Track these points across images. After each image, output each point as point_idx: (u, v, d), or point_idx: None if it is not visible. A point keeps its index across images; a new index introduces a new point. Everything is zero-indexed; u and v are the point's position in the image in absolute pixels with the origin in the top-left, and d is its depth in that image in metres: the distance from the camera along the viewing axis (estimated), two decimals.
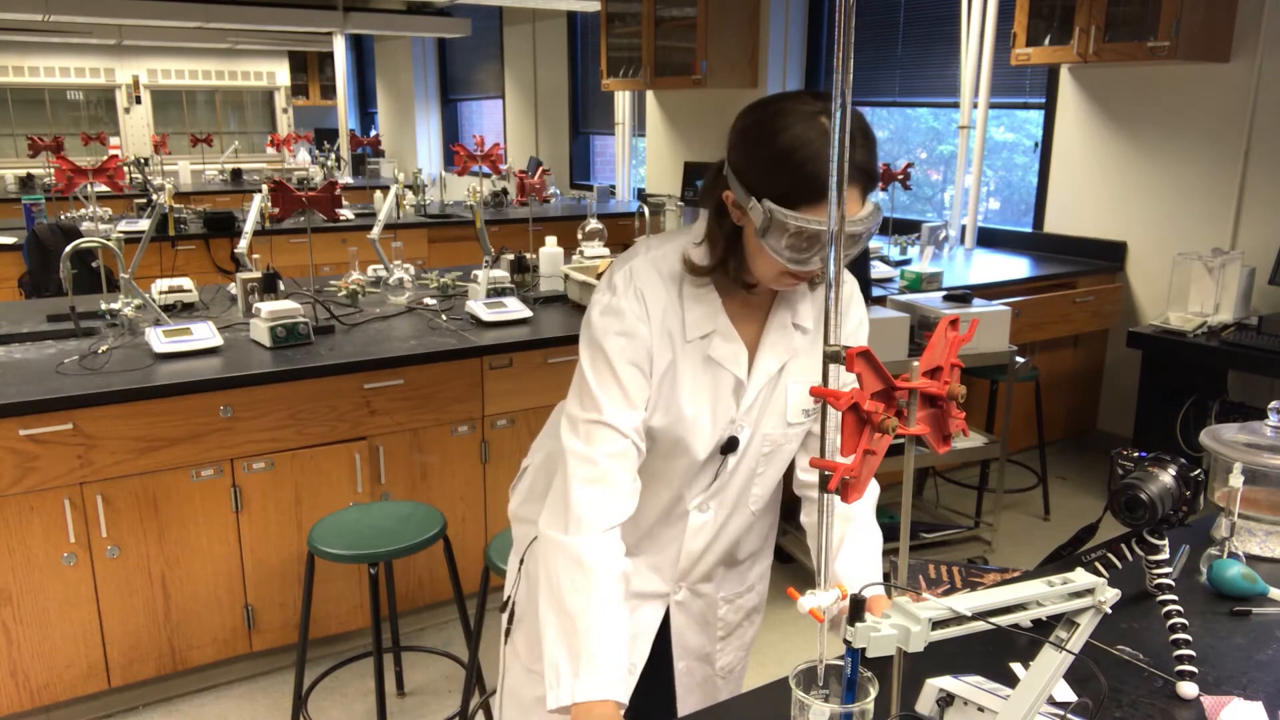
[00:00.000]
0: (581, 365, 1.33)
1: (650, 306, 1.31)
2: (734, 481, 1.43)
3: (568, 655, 1.20)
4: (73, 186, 3.76)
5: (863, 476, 0.91)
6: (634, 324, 1.30)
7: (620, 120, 7.53)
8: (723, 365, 1.34)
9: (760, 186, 1.18)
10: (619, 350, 1.30)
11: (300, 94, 12.29)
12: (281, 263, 5.36)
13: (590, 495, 1.26)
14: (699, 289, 1.33)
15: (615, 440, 1.28)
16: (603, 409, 1.28)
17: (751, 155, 1.20)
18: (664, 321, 1.31)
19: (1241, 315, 3.83)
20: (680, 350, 1.33)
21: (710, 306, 1.33)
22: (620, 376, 1.29)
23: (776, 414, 1.39)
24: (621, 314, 1.30)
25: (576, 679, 1.18)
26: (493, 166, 4.73)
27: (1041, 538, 3.85)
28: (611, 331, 1.30)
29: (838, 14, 0.91)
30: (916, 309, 3.26)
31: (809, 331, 1.40)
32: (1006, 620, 0.93)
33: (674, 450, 1.37)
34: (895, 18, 5.51)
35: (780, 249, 1.19)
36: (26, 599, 2.46)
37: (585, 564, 1.23)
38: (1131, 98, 4.43)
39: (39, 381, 2.47)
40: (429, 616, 3.17)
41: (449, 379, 2.92)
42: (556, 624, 1.23)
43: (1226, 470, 1.54)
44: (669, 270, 1.33)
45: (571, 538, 1.25)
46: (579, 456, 1.28)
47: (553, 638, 1.23)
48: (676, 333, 1.32)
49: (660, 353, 1.32)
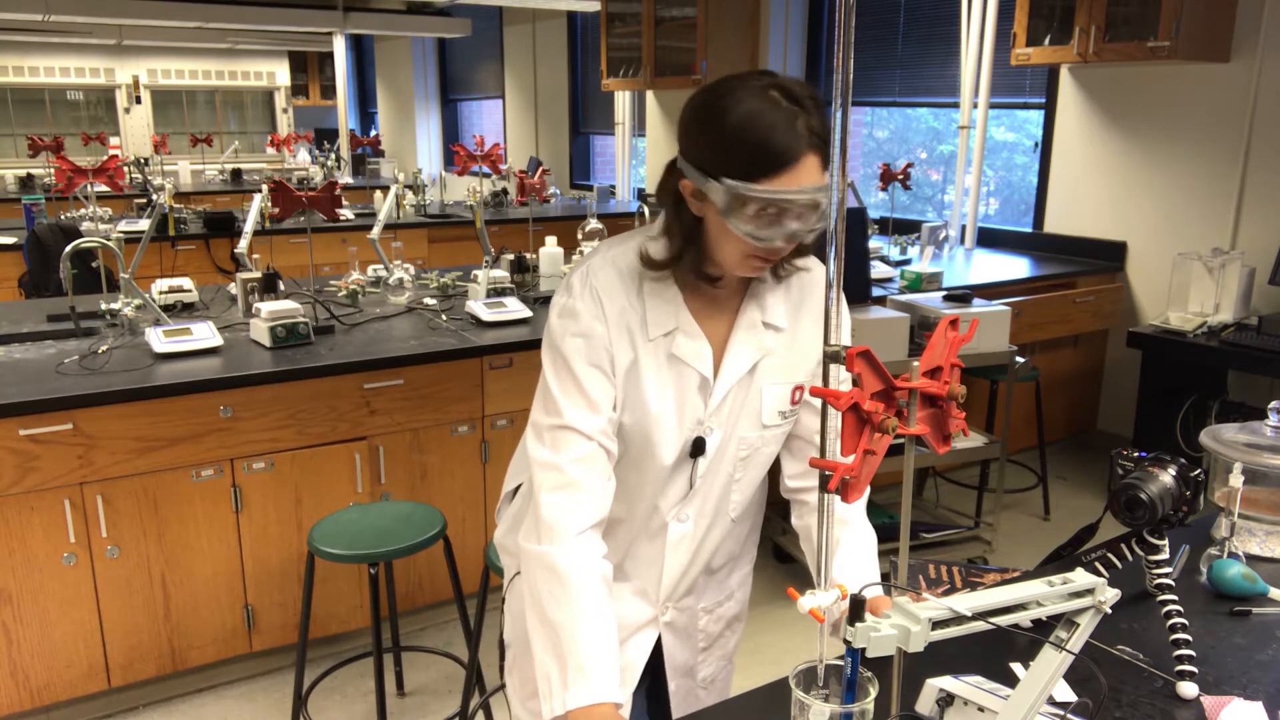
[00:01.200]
0: (544, 371, 1.31)
1: (607, 305, 1.29)
2: (711, 488, 1.40)
3: (556, 666, 1.19)
4: (73, 186, 3.76)
5: (863, 476, 0.91)
6: (590, 324, 1.28)
7: (620, 120, 7.53)
8: (687, 363, 1.31)
9: (719, 167, 1.17)
10: (576, 351, 1.28)
11: (300, 94, 12.29)
12: (281, 263, 5.36)
13: (559, 502, 1.25)
14: (660, 285, 1.31)
15: (580, 444, 1.26)
16: (564, 413, 1.27)
17: (706, 137, 1.19)
18: (623, 320, 1.29)
19: (1241, 315, 3.83)
20: (642, 348, 1.30)
21: (672, 304, 1.31)
22: (580, 379, 1.27)
23: (751, 416, 1.36)
24: (577, 315, 1.28)
25: (567, 690, 1.18)
26: (493, 166, 4.73)
27: (1041, 538, 3.85)
28: (569, 333, 1.28)
29: (838, 14, 0.91)
30: (916, 309, 3.26)
31: (782, 330, 1.37)
32: (1006, 620, 0.93)
33: (643, 453, 1.34)
34: (895, 18, 5.51)
35: (745, 228, 1.17)
36: (26, 599, 2.46)
37: (560, 572, 1.22)
38: (1131, 98, 4.43)
39: (39, 381, 2.47)
40: (429, 616, 3.17)
41: (449, 379, 2.92)
42: (543, 635, 1.23)
43: (1226, 470, 1.54)
44: (627, 267, 1.31)
45: (545, 547, 1.24)
46: (545, 465, 1.27)
47: (540, 650, 1.22)
48: (637, 330, 1.30)
49: (621, 352, 1.29)
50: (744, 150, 1.15)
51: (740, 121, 1.15)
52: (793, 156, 1.15)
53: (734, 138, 1.16)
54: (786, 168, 1.15)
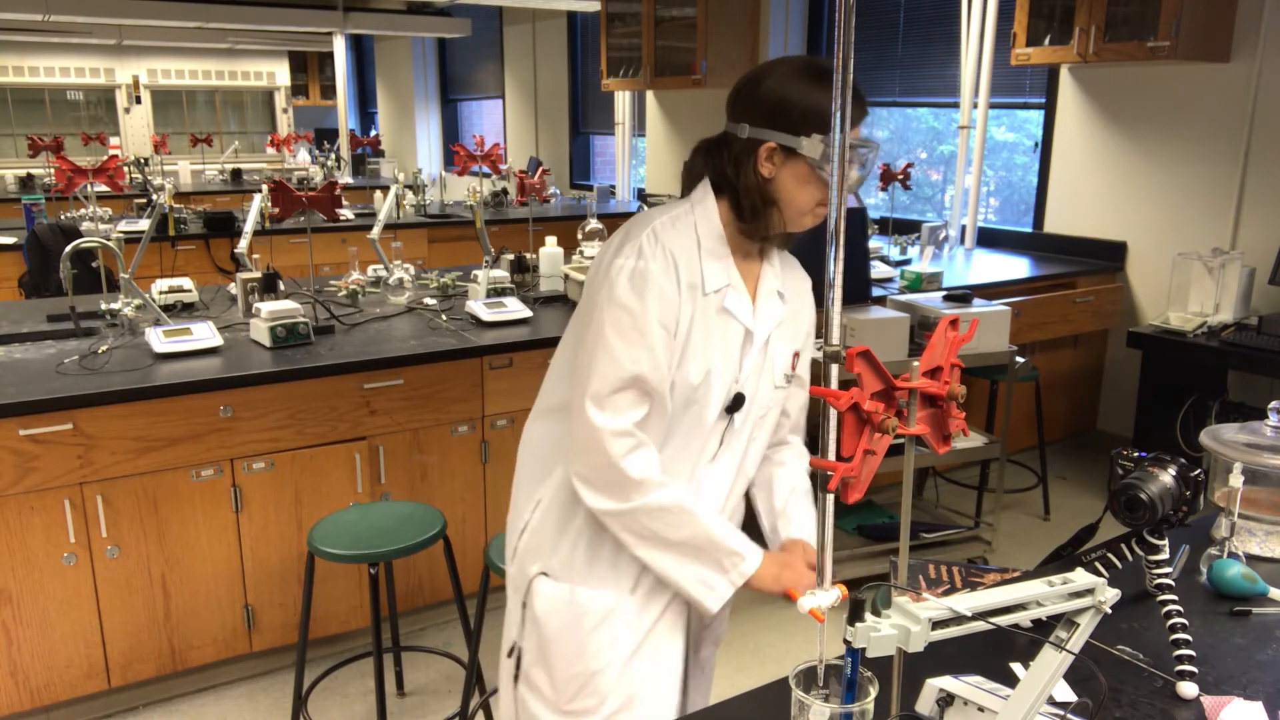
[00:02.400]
0: (600, 334, 1.35)
1: (680, 263, 1.36)
2: (735, 447, 1.47)
3: (705, 565, 1.36)
4: (73, 186, 3.76)
5: (863, 476, 0.91)
6: (662, 284, 1.35)
7: (620, 120, 7.53)
8: (735, 316, 1.41)
9: (813, 124, 1.32)
10: (649, 310, 1.34)
11: (300, 94, 12.28)
12: (281, 263, 5.36)
13: (639, 460, 1.35)
14: (715, 245, 1.41)
15: (643, 402, 1.35)
16: (630, 368, 1.33)
17: (802, 101, 1.33)
18: (688, 277, 1.37)
19: (1241, 315, 3.83)
20: (699, 304, 1.38)
21: (725, 262, 1.41)
22: (650, 337, 1.34)
23: (768, 376, 1.47)
24: (649, 276, 1.34)
25: (728, 573, 1.37)
26: (493, 166, 4.73)
27: (1041, 538, 3.85)
28: (643, 293, 1.34)
29: (838, 14, 0.91)
30: (916, 309, 3.26)
31: (785, 299, 1.50)
32: (1006, 620, 0.93)
33: (688, 410, 1.41)
34: (895, 18, 5.51)
35: None
36: (26, 599, 2.46)
37: (668, 505, 1.35)
38: (1131, 98, 4.43)
39: (39, 381, 2.47)
40: (429, 616, 3.17)
41: (449, 379, 2.92)
42: (675, 557, 1.37)
43: (1226, 470, 1.54)
44: (686, 229, 1.40)
45: (642, 498, 1.35)
46: (616, 433, 1.34)
47: (678, 564, 1.37)
48: (698, 286, 1.38)
49: (684, 308, 1.37)
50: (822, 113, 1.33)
51: (820, 81, 1.34)
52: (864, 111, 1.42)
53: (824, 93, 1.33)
54: (860, 120, 1.37)
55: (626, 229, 1.42)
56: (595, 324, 1.36)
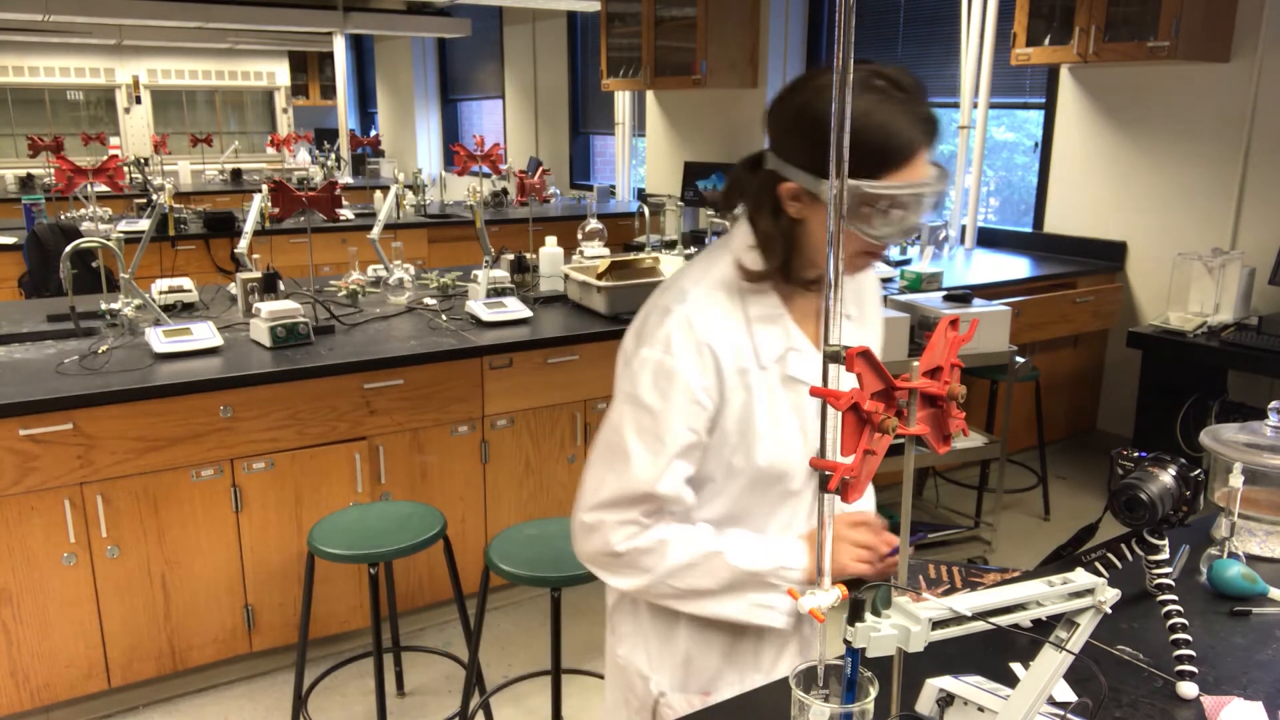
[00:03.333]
0: (620, 432, 1.22)
1: (719, 351, 1.19)
2: None
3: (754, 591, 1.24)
4: (73, 186, 3.76)
5: (863, 476, 0.91)
6: (694, 386, 1.18)
7: (620, 120, 7.53)
8: (803, 381, 1.24)
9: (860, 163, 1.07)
10: (670, 415, 1.19)
11: (300, 94, 12.28)
12: (281, 263, 5.36)
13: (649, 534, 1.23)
14: (764, 306, 1.23)
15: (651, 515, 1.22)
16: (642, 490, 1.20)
17: (819, 136, 1.04)
18: (735, 362, 1.21)
19: (1241, 315, 3.83)
20: (755, 383, 1.22)
21: (779, 323, 1.24)
22: (669, 447, 1.19)
23: None
24: (675, 377, 1.18)
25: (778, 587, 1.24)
26: (493, 166, 4.73)
27: (1041, 538, 3.85)
28: (666, 395, 1.19)
29: (838, 14, 0.91)
30: (916, 309, 3.26)
31: (853, 317, 1.37)
32: (1006, 620, 0.93)
33: (769, 485, 1.27)
34: (895, 18, 5.51)
35: (863, 226, 1.12)
36: (26, 599, 2.46)
37: (695, 561, 1.23)
38: (1131, 98, 4.43)
39: (39, 381, 2.47)
40: (429, 616, 3.17)
41: (449, 379, 2.92)
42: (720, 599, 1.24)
43: (1226, 470, 1.54)
44: (726, 294, 1.22)
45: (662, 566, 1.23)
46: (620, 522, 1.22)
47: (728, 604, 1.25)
48: (751, 364, 1.22)
49: (734, 395, 1.21)
50: (863, 147, 1.06)
51: (856, 118, 0.98)
52: (912, 150, 1.11)
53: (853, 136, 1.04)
54: (907, 161, 1.10)
55: (655, 299, 1.24)
56: (615, 417, 1.23)
